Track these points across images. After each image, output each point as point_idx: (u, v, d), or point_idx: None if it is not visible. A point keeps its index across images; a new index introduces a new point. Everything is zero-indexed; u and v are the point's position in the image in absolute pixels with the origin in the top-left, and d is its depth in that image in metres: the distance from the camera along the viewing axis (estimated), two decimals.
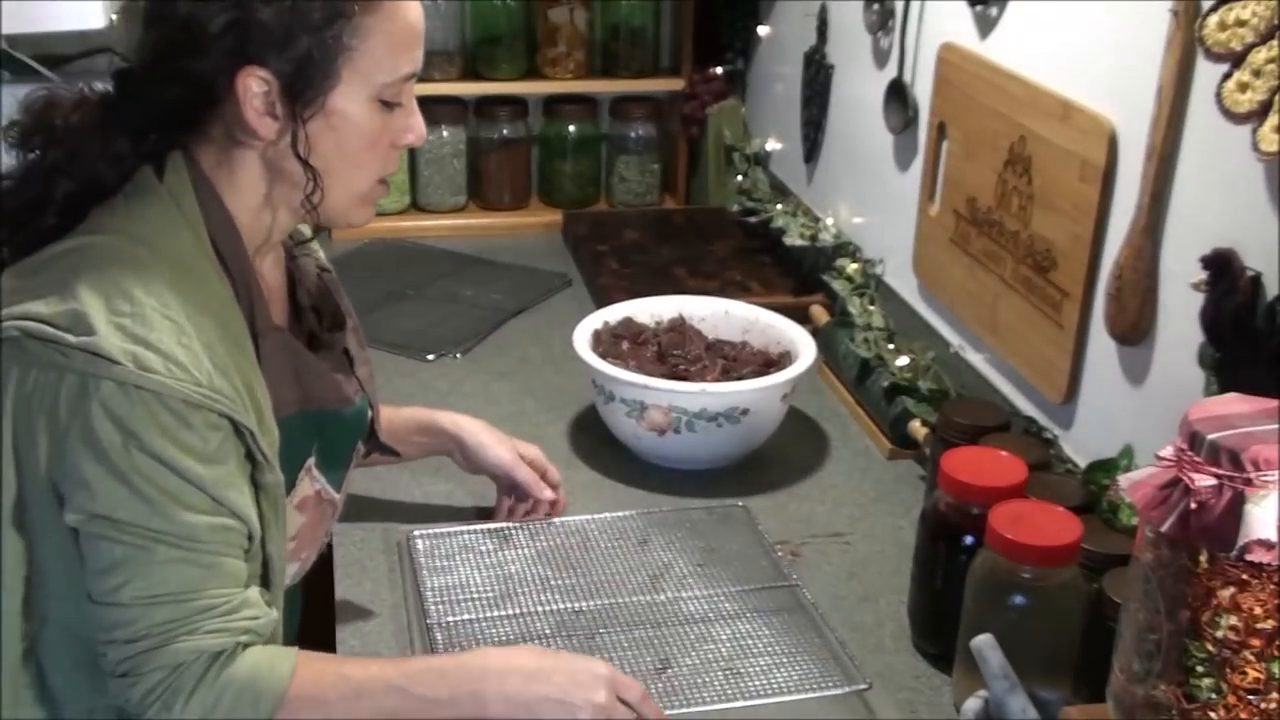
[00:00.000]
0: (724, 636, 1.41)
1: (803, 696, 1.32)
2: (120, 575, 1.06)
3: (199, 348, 1.08)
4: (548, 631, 1.41)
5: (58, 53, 2.21)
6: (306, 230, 1.37)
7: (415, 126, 1.21)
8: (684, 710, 1.29)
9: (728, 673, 1.35)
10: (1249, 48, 1.18)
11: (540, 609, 1.44)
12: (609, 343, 1.81)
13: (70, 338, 1.03)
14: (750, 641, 1.41)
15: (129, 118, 1.16)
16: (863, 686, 1.33)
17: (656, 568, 1.53)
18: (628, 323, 1.86)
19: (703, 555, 1.55)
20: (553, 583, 1.49)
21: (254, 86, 1.11)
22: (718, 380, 1.72)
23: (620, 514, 1.62)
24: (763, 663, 1.37)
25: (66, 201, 1.14)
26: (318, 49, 1.10)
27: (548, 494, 1.59)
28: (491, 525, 1.58)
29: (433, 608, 1.42)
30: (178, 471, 1.05)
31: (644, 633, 1.41)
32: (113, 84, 1.18)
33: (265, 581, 1.16)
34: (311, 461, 1.27)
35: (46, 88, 1.21)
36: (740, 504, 1.65)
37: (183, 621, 1.06)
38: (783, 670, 1.36)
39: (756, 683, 1.34)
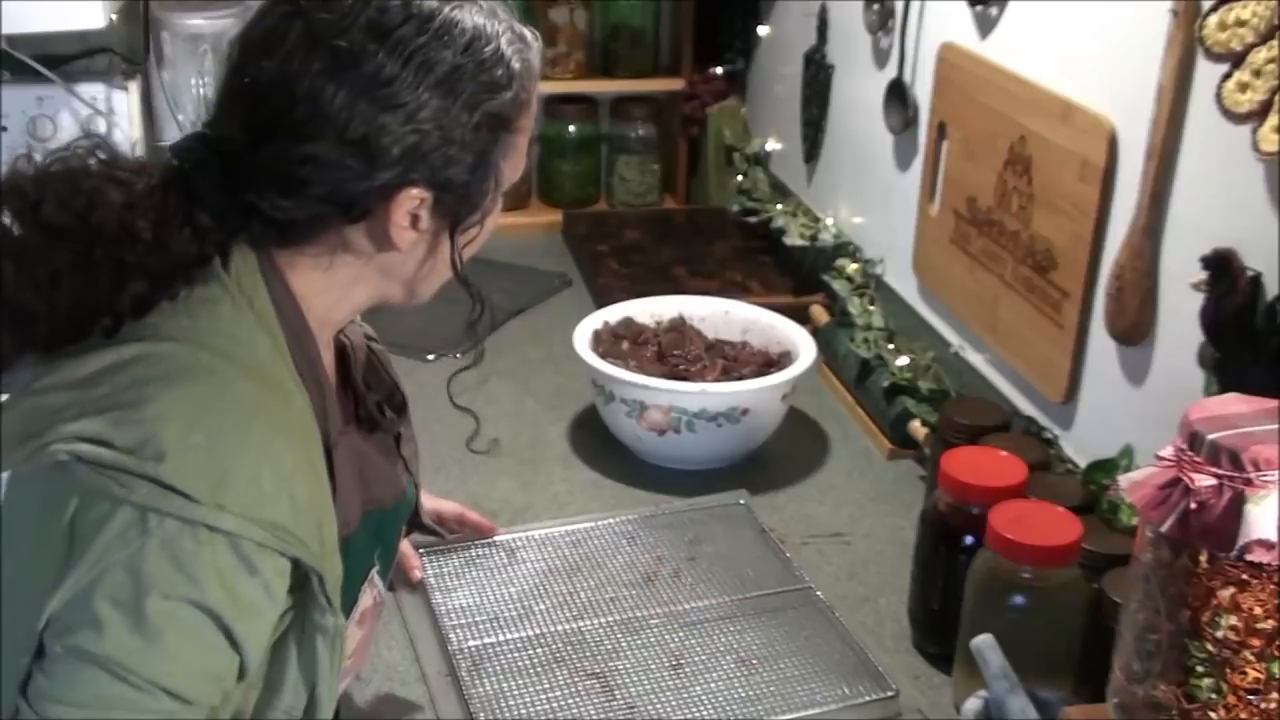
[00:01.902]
0: (745, 643, 1.40)
1: (834, 707, 1.32)
2: (97, 708, 0.90)
3: (281, 478, 0.94)
4: (569, 652, 1.38)
5: (58, 53, 2.21)
6: None
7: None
8: None
9: (749, 682, 1.35)
10: (1249, 48, 1.18)
11: (559, 627, 1.42)
12: (609, 343, 1.81)
13: (134, 461, 0.88)
14: (769, 648, 1.40)
15: (223, 215, 0.98)
16: (890, 694, 1.33)
17: (666, 575, 1.52)
18: (628, 323, 1.86)
19: (710, 559, 1.55)
20: (567, 597, 1.47)
21: (407, 204, 0.99)
22: (718, 380, 1.72)
23: (622, 518, 1.62)
24: (786, 671, 1.37)
25: (134, 305, 0.96)
26: (484, 168, 1.01)
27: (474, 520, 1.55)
28: (495, 539, 1.56)
29: (451, 633, 1.40)
30: (222, 627, 0.91)
31: (665, 646, 1.40)
32: (190, 163, 0.99)
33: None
34: (375, 570, 1.15)
35: (64, 155, 0.99)
36: (741, 502, 1.66)
37: None
38: (808, 682, 1.35)
39: (779, 695, 1.33)
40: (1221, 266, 1.22)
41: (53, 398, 0.92)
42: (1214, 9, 1.21)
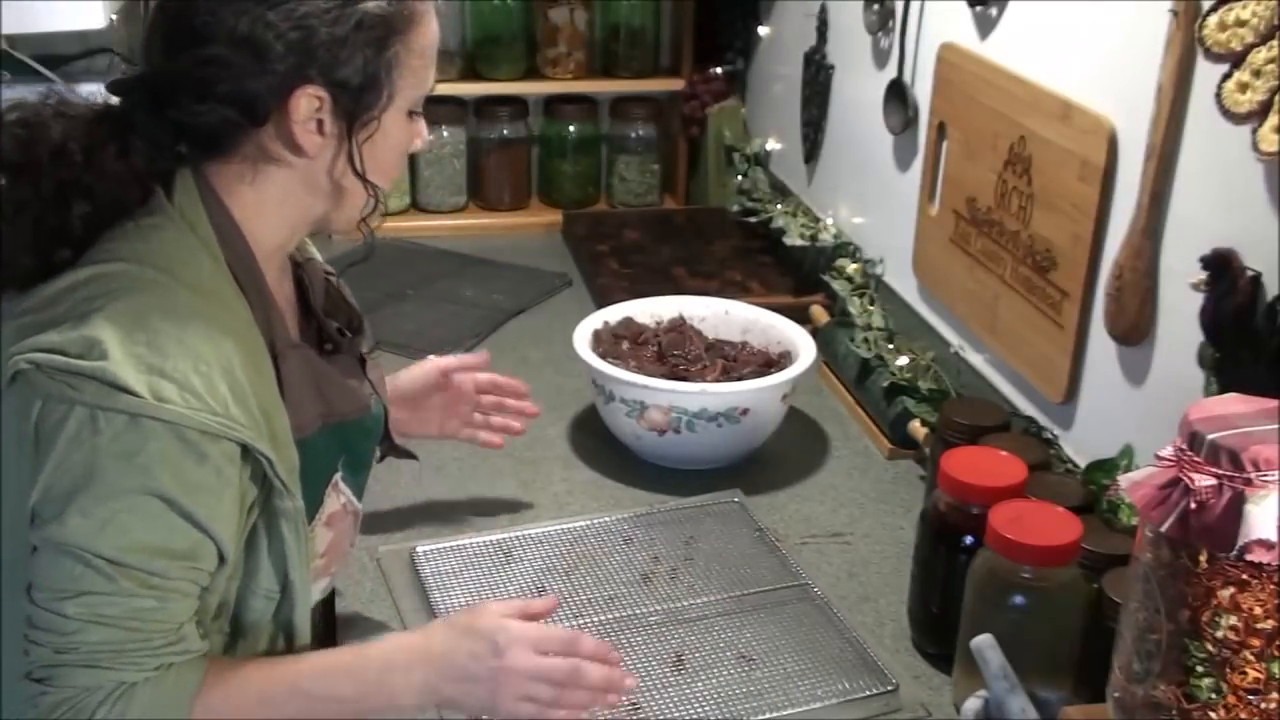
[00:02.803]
0: (744, 640, 1.41)
1: (834, 702, 1.32)
2: (71, 591, 1.01)
3: (217, 374, 1.04)
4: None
5: (58, 53, 2.21)
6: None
7: (422, 132, 1.20)
8: None
9: (750, 679, 1.35)
10: (1249, 48, 1.18)
11: (559, 625, 1.40)
12: (609, 343, 1.81)
13: (83, 363, 0.99)
14: (769, 644, 1.41)
15: (155, 136, 1.10)
16: (890, 688, 1.34)
17: (664, 573, 1.52)
18: (628, 323, 1.86)
19: (707, 557, 1.55)
20: (565, 595, 1.47)
21: (305, 105, 1.08)
22: (718, 380, 1.72)
23: (617, 517, 1.62)
24: (786, 667, 1.37)
25: (84, 227, 1.09)
26: (376, 67, 1.09)
27: (479, 356, 1.62)
28: (493, 537, 1.56)
29: None
30: (178, 510, 1.02)
31: (666, 643, 1.40)
32: (124, 96, 1.12)
33: (287, 608, 1.14)
34: (338, 475, 1.24)
35: (19, 101, 1.14)
36: (736, 500, 1.66)
37: (117, 646, 1.03)
38: (809, 677, 1.35)
39: (781, 690, 1.34)
40: (1221, 266, 1.22)
41: (22, 320, 1.05)
42: (1214, 9, 1.21)
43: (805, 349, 1.77)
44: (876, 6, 1.98)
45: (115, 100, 1.14)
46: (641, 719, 1.29)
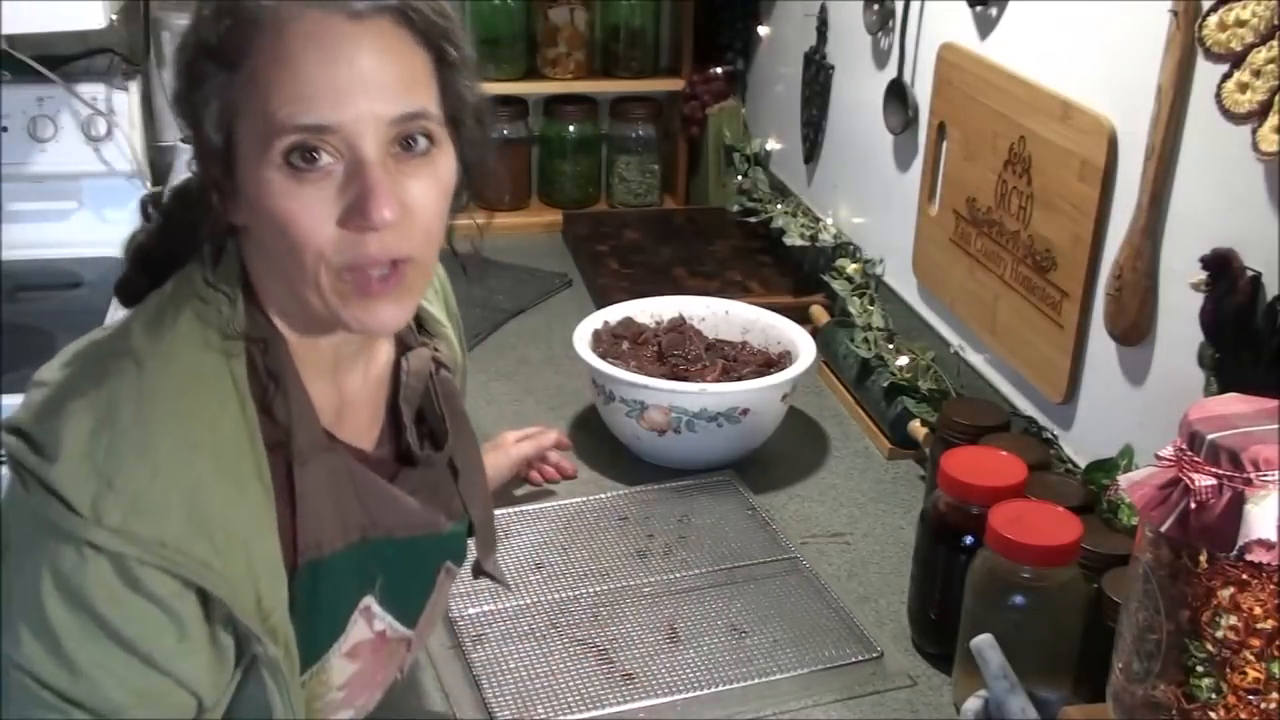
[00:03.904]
0: (735, 610, 1.46)
1: (820, 668, 1.37)
2: (23, 716, 0.89)
3: (176, 494, 0.89)
4: (566, 619, 1.43)
5: (58, 53, 2.21)
6: (441, 314, 1.20)
7: (361, 201, 0.90)
8: (703, 692, 1.33)
9: (740, 647, 1.40)
10: (1249, 48, 1.18)
11: (556, 595, 1.47)
12: (609, 343, 1.81)
13: (33, 459, 0.88)
14: (759, 614, 1.45)
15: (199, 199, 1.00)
16: (875, 655, 1.38)
17: (658, 548, 1.57)
18: (628, 323, 1.86)
19: (699, 532, 1.60)
20: (562, 567, 1.52)
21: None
22: (718, 380, 1.72)
23: (612, 494, 1.67)
24: (776, 636, 1.42)
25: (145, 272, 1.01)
26: (190, 98, 0.93)
27: (550, 435, 1.70)
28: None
29: (451, 601, 1.43)
30: (120, 642, 0.88)
31: (657, 613, 1.45)
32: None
33: None
34: (370, 600, 1.06)
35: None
36: (726, 478, 1.70)
37: None
38: (797, 646, 1.40)
39: (770, 657, 1.38)
40: (1221, 266, 1.22)
41: (47, 372, 0.95)
42: (1214, 9, 1.21)
43: (805, 349, 1.77)
44: (876, 6, 1.98)
45: None
46: (636, 686, 1.33)
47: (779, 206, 2.33)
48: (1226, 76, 1.20)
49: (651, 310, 1.89)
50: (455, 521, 1.14)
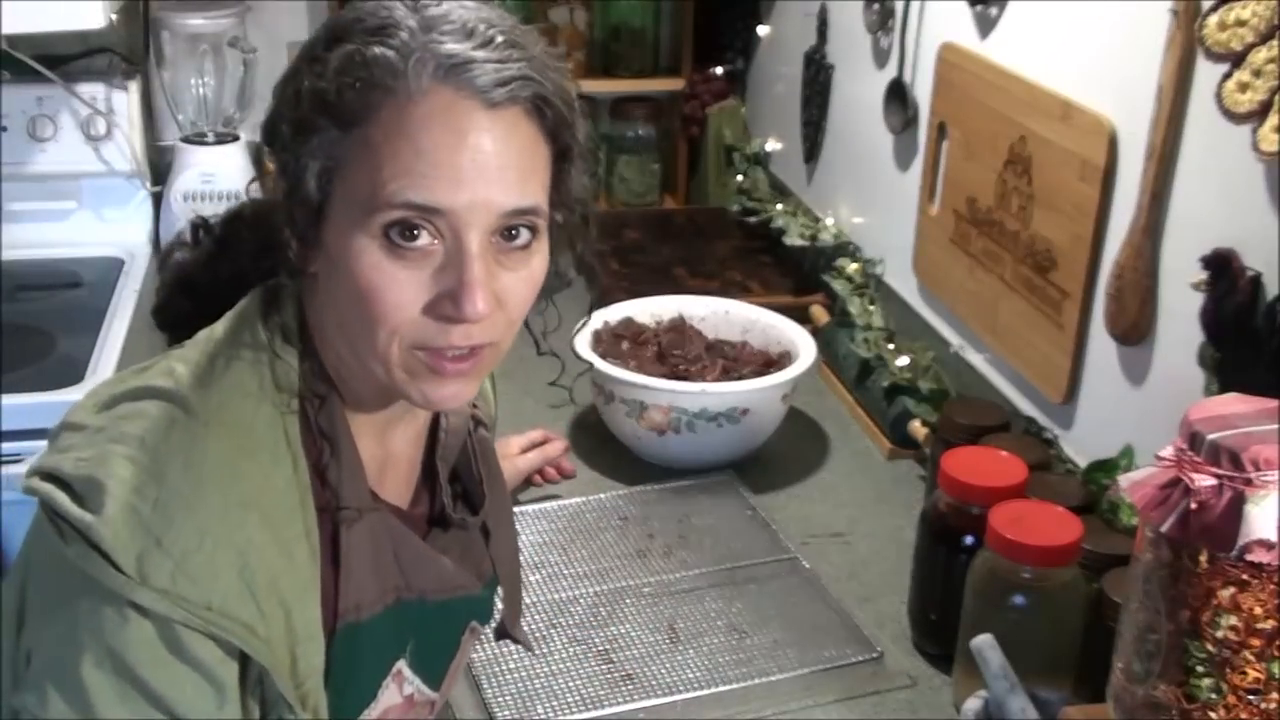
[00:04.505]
0: (735, 610, 1.46)
1: (820, 668, 1.37)
2: None
3: (225, 557, 0.85)
4: (566, 619, 1.43)
5: (58, 53, 2.21)
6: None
7: (457, 293, 0.87)
8: (703, 692, 1.33)
9: (740, 647, 1.40)
10: (1249, 48, 1.17)
11: (555, 595, 1.47)
12: (609, 343, 1.81)
13: (74, 511, 0.84)
14: (759, 614, 1.45)
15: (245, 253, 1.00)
16: (875, 655, 1.38)
17: (658, 548, 1.57)
18: (628, 323, 1.86)
19: (699, 532, 1.60)
20: (561, 568, 1.52)
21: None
22: (718, 380, 1.72)
23: (612, 494, 1.68)
24: (776, 635, 1.42)
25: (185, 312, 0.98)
26: (298, 164, 0.89)
27: (556, 446, 1.70)
28: None
29: None
30: (158, 706, 0.84)
31: (658, 612, 1.45)
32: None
33: None
34: (402, 663, 1.03)
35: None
36: (727, 478, 1.70)
37: None
38: (797, 646, 1.40)
39: (770, 657, 1.39)
40: (1221, 266, 1.22)
41: (74, 418, 0.91)
42: (1214, 9, 1.21)
43: (805, 349, 1.77)
44: (876, 6, 1.98)
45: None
46: (636, 686, 1.33)
47: (779, 206, 2.33)
48: (1227, 76, 1.20)
49: (651, 310, 1.89)
50: (485, 583, 1.11)
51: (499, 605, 1.18)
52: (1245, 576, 0.94)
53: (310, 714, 0.91)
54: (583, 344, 1.76)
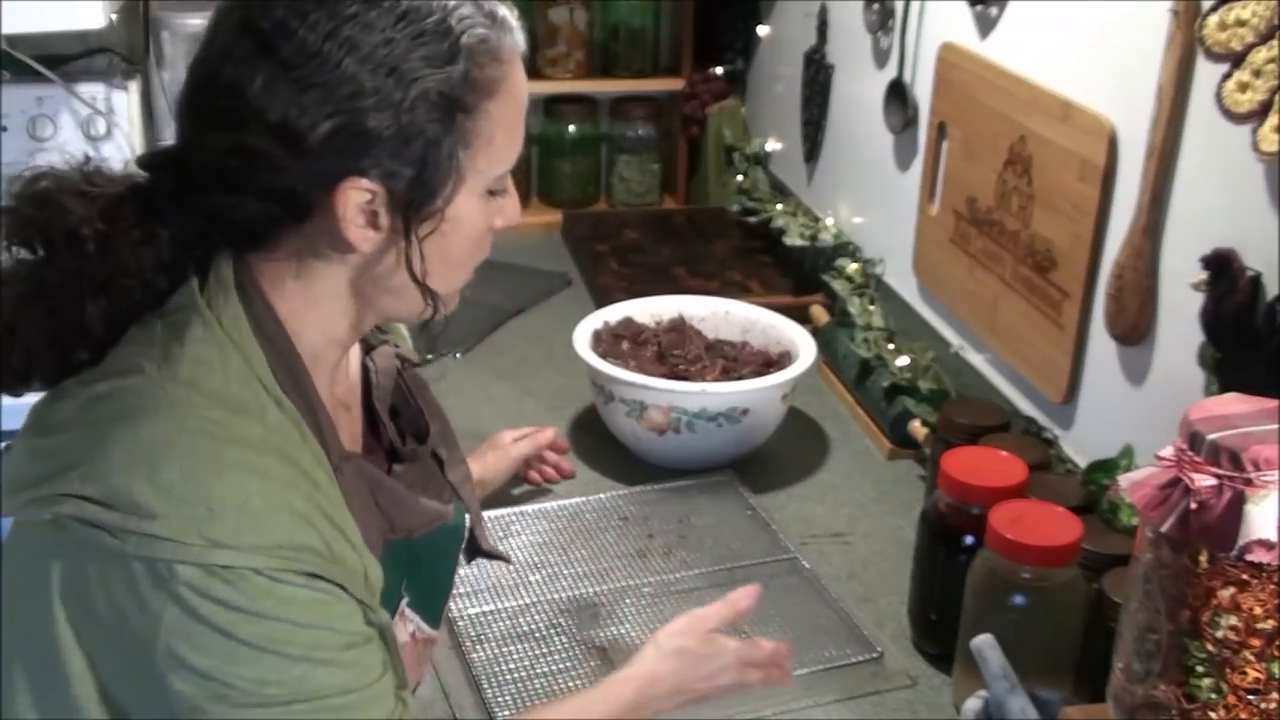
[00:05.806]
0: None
1: (821, 669, 1.37)
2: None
3: (271, 497, 0.88)
4: (566, 619, 1.44)
5: (58, 53, 2.21)
6: None
7: (508, 209, 1.02)
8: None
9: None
10: (1249, 48, 1.17)
11: (556, 595, 1.48)
12: (609, 343, 1.81)
13: (121, 520, 0.85)
14: (760, 614, 1.43)
15: (182, 225, 0.95)
16: (875, 655, 1.38)
17: (658, 547, 1.57)
18: (628, 323, 1.86)
19: (699, 532, 1.60)
20: (561, 568, 1.52)
21: (355, 198, 0.91)
22: (718, 380, 1.72)
23: (612, 494, 1.68)
24: (776, 636, 1.40)
25: (104, 324, 0.94)
26: (435, 155, 0.92)
27: (547, 433, 1.69)
28: (492, 513, 1.59)
29: (452, 601, 1.42)
30: (297, 624, 0.88)
31: (658, 612, 1.45)
32: (152, 173, 0.97)
33: None
34: (405, 603, 1.09)
35: (42, 172, 0.96)
36: (727, 478, 1.70)
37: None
38: (798, 646, 1.39)
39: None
40: (1221, 266, 1.22)
41: (41, 441, 0.92)
42: (1214, 9, 1.21)
43: (805, 349, 1.77)
44: (876, 6, 1.98)
45: (145, 175, 0.97)
46: None
47: (779, 206, 2.33)
48: (1226, 76, 1.20)
49: (651, 310, 1.89)
50: (454, 510, 1.15)
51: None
52: (1245, 576, 0.94)
53: (385, 615, 0.96)
54: (582, 344, 1.76)
